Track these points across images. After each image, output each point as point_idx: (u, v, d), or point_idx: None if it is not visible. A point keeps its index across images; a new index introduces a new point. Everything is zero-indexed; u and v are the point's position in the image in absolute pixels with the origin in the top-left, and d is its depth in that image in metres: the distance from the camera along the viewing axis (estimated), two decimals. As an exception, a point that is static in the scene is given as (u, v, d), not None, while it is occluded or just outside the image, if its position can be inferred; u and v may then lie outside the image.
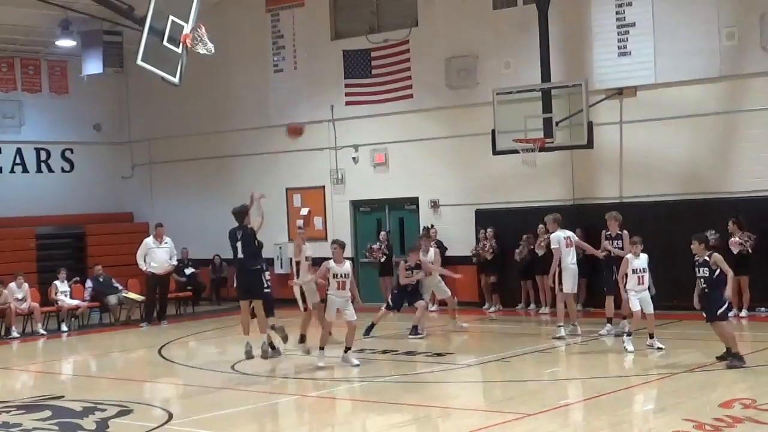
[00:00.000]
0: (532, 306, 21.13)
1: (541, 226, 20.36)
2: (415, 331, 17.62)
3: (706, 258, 13.20)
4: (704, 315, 13.46)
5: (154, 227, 23.05)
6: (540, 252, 20.42)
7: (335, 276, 14.53)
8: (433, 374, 14.40)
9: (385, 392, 13.00)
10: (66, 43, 24.59)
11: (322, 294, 15.27)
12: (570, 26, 20.83)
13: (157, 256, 21.88)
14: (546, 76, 19.89)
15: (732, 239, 18.42)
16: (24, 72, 26.37)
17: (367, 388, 13.65)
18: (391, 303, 18.13)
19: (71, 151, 27.69)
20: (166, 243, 22.24)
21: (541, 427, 10.63)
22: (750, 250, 18.33)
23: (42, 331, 21.02)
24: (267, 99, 25.39)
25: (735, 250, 18.29)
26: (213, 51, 14.08)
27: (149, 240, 22.14)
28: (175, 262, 22.86)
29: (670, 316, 18.60)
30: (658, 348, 14.85)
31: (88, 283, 22.81)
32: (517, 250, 20.92)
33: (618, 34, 20.33)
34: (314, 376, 14.45)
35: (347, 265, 14.80)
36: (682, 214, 19.45)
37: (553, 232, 17.11)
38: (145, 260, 21.83)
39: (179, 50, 14.16)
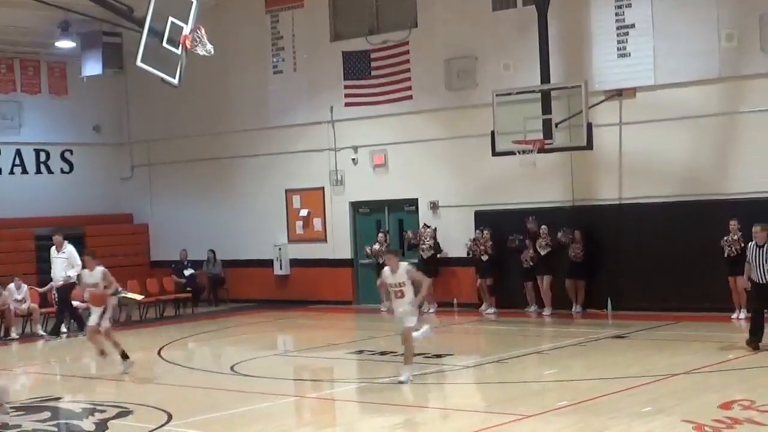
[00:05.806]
0: (534, 307, 21.00)
1: (544, 226, 20.40)
2: None
3: None
4: None
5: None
6: (543, 252, 20.44)
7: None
8: (432, 375, 14.40)
9: (384, 393, 12.98)
10: (65, 44, 24.55)
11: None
12: (569, 27, 20.82)
13: (54, 266, 20.76)
14: (545, 77, 19.87)
15: (730, 238, 18.37)
16: (23, 73, 26.35)
17: (366, 389, 13.65)
18: None
19: (71, 152, 27.65)
20: (63, 253, 20.57)
21: (539, 428, 10.63)
22: (736, 252, 18.23)
23: (41, 332, 21.02)
24: (266, 100, 25.37)
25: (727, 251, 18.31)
26: (212, 52, 14.04)
27: (52, 249, 20.98)
28: (73, 274, 19.80)
29: (669, 317, 18.62)
30: None
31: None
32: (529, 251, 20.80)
33: (617, 36, 20.31)
34: (314, 376, 14.46)
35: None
36: (682, 216, 19.45)
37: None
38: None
39: (179, 51, 14.12)
